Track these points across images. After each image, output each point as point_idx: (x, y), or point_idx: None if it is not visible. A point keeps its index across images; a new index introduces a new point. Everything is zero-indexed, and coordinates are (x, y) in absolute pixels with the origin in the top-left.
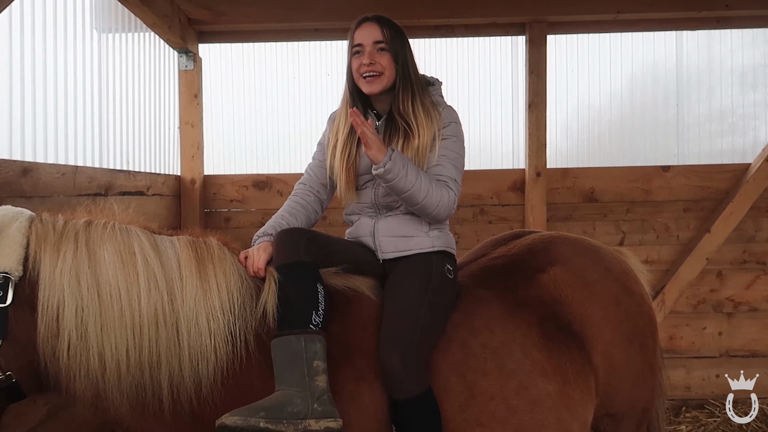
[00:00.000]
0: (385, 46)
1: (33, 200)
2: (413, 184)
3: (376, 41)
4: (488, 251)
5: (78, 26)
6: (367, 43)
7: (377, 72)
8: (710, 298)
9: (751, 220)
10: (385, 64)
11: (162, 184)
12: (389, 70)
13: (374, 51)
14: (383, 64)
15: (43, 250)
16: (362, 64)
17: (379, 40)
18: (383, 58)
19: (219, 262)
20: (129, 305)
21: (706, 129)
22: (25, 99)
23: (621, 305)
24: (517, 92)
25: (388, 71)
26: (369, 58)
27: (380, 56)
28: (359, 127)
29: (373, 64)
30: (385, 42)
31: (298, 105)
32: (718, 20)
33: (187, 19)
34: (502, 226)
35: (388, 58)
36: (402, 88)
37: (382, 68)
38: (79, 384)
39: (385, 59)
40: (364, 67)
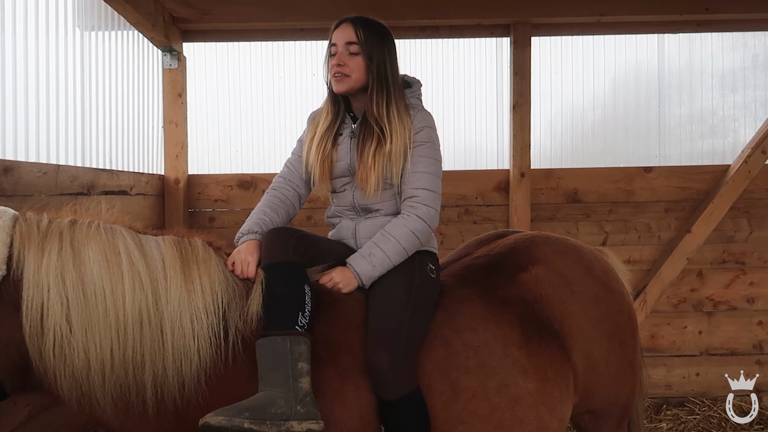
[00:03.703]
0: (357, 48)
1: (14, 199)
2: (391, 258)
3: (349, 42)
4: (471, 251)
5: (60, 24)
6: (340, 43)
7: (344, 74)
8: (690, 298)
9: (731, 221)
10: (353, 65)
11: (146, 183)
12: (357, 72)
13: (345, 52)
14: (351, 66)
15: (27, 249)
16: (332, 65)
17: (351, 41)
18: (353, 60)
19: (204, 262)
20: (114, 305)
21: (687, 131)
22: (6, 96)
23: (601, 303)
24: (501, 93)
25: (356, 73)
26: (338, 59)
27: (350, 58)
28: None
29: (342, 65)
30: (358, 43)
31: (283, 105)
32: (699, 23)
33: (171, 18)
34: (487, 226)
35: (359, 60)
36: (376, 90)
37: (349, 70)
38: (64, 383)
39: (354, 62)
40: (334, 68)
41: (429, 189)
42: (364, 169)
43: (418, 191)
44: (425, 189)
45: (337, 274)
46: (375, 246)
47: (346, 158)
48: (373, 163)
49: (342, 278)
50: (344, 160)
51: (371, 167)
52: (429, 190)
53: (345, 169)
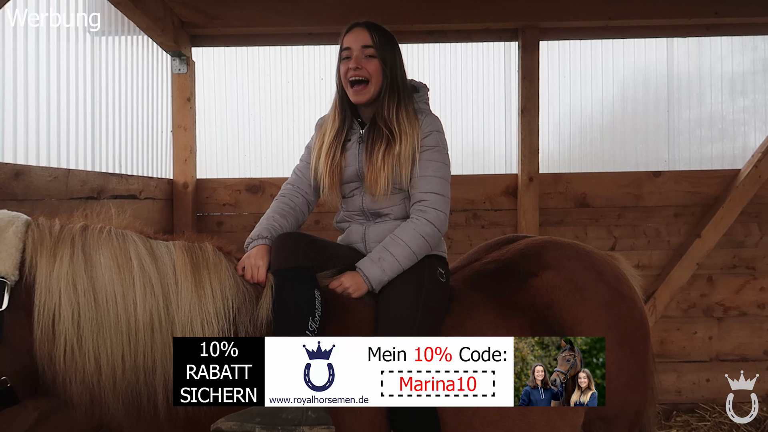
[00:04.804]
0: (373, 51)
1: (25, 203)
2: (401, 262)
3: (365, 45)
4: (482, 256)
5: (71, 29)
6: (356, 47)
7: (363, 77)
8: (700, 303)
9: (741, 226)
10: (371, 69)
11: (154, 187)
12: (376, 77)
13: (362, 56)
14: (370, 70)
15: (40, 254)
16: (349, 68)
17: (367, 44)
18: (371, 63)
19: (214, 267)
20: (125, 310)
21: (697, 135)
22: (17, 101)
23: (612, 309)
24: (509, 97)
25: (375, 77)
26: (356, 62)
27: (367, 62)
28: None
29: (360, 69)
30: (373, 47)
31: (291, 109)
32: (708, 27)
33: (180, 22)
34: (495, 230)
35: (376, 63)
36: (388, 94)
37: (368, 74)
38: (75, 389)
39: (372, 65)
40: (351, 72)
41: (438, 193)
42: (374, 170)
43: (427, 195)
44: (434, 193)
45: (347, 278)
46: (385, 250)
47: (354, 163)
48: (382, 165)
49: (352, 283)
50: (353, 166)
51: (380, 168)
52: (438, 193)
53: (354, 174)
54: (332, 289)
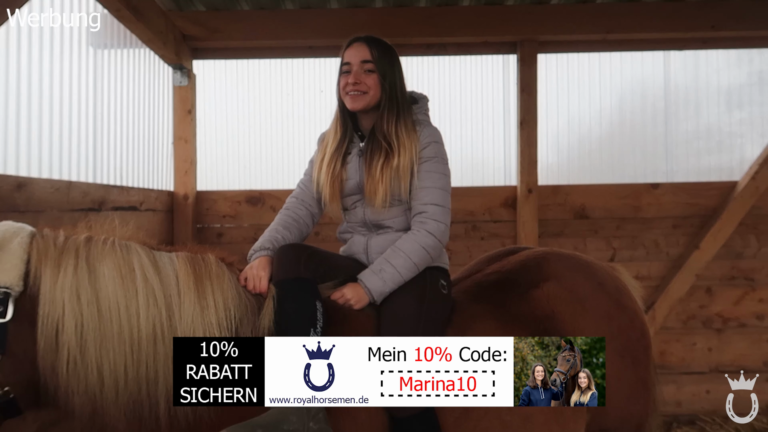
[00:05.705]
0: (372, 66)
1: (26, 215)
2: (402, 274)
3: (364, 60)
4: (482, 267)
5: (74, 42)
6: (355, 62)
7: (361, 91)
8: (700, 314)
9: (739, 237)
10: (370, 83)
11: (155, 199)
12: (374, 90)
13: (361, 70)
14: (368, 84)
15: (44, 265)
16: (348, 83)
17: (366, 60)
18: (369, 78)
19: (217, 278)
20: (128, 321)
21: (694, 146)
22: (20, 113)
23: (613, 320)
24: (508, 110)
25: (372, 90)
26: (355, 77)
27: (366, 76)
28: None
29: (358, 83)
30: (372, 62)
31: (291, 121)
32: (705, 41)
33: (181, 35)
34: (494, 242)
35: (375, 78)
36: (387, 107)
37: (367, 87)
38: (77, 400)
39: (371, 79)
40: (349, 86)
41: (438, 204)
42: (373, 182)
43: (428, 206)
44: (434, 204)
45: (348, 290)
46: (386, 262)
47: (355, 176)
48: (381, 177)
49: (353, 294)
50: (354, 179)
51: (379, 180)
52: (438, 205)
53: (355, 186)
54: (334, 301)
